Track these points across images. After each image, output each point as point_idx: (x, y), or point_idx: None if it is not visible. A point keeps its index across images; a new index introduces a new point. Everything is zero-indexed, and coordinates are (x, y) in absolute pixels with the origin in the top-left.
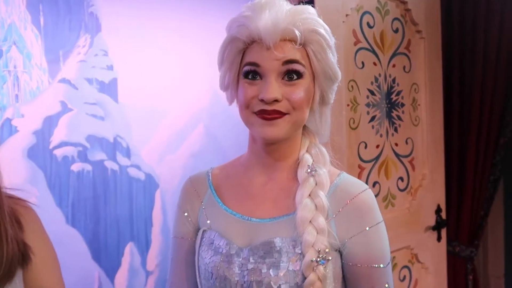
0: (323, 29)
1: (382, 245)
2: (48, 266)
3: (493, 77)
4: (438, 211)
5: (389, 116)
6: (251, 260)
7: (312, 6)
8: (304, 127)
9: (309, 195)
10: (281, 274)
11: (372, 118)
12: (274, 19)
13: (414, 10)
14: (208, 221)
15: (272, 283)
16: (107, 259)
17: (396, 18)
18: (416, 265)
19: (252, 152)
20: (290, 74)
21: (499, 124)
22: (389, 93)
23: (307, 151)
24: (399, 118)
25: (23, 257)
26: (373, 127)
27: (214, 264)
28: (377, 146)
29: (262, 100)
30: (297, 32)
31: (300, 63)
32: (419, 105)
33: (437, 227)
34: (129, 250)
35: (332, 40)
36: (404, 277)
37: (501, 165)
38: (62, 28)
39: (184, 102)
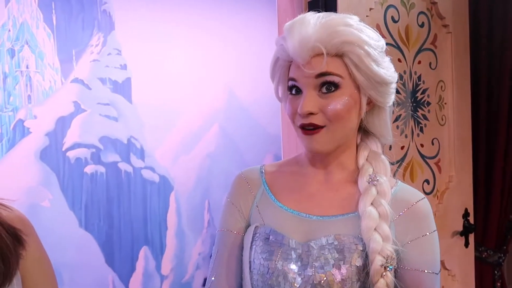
0: (361, 38)
1: (436, 252)
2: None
3: None
4: (465, 215)
5: (414, 116)
6: (312, 254)
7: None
8: (366, 132)
9: (372, 203)
10: (343, 270)
11: (397, 118)
12: (301, 38)
13: (441, 3)
14: (262, 217)
15: (333, 278)
16: (121, 263)
17: (421, 12)
18: (442, 272)
19: (308, 154)
20: (327, 86)
21: None
22: (414, 91)
23: (367, 160)
24: (425, 117)
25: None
26: (397, 127)
27: (271, 258)
28: (402, 148)
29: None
30: (323, 49)
31: (335, 74)
32: (445, 103)
33: (464, 232)
34: (144, 254)
35: (378, 46)
36: None
37: None
38: (75, 27)
39: (199, 102)
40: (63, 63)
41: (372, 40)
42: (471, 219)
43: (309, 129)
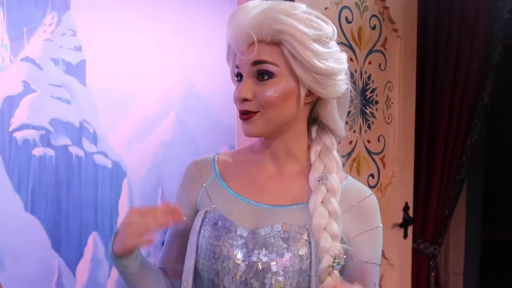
0: (298, 28)
1: (380, 245)
2: None
3: (464, 80)
4: (405, 208)
5: (363, 113)
6: (257, 242)
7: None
8: (322, 126)
9: (322, 201)
10: (287, 258)
11: (348, 114)
12: (236, 25)
13: (392, 8)
14: (212, 203)
15: (276, 265)
16: (68, 248)
17: (374, 15)
18: (382, 261)
19: (262, 143)
20: (261, 74)
21: (467, 126)
22: (364, 89)
23: (319, 155)
24: (373, 115)
25: None
26: (347, 122)
27: (217, 243)
28: (350, 142)
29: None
30: (254, 36)
31: (269, 63)
32: (392, 103)
33: (404, 224)
34: (93, 240)
35: (320, 36)
36: None
37: (467, 166)
38: (27, 3)
39: (155, 89)
40: (13, 40)
41: (313, 30)
42: (411, 212)
43: (245, 115)
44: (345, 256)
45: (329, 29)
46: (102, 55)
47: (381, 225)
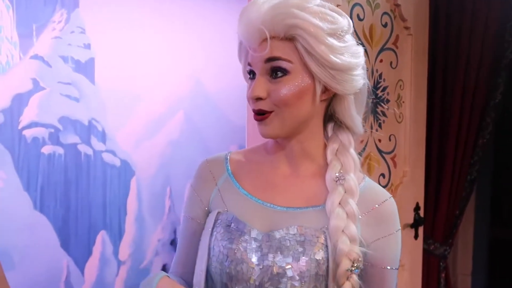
0: (312, 22)
1: (399, 249)
2: None
3: (475, 79)
4: (416, 208)
5: (374, 112)
6: (272, 245)
7: None
8: (339, 123)
9: (339, 203)
10: (303, 262)
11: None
12: (247, 22)
13: (404, 5)
14: (224, 204)
15: (292, 270)
16: (77, 247)
17: (385, 13)
18: None
19: (276, 142)
20: (275, 71)
21: (478, 125)
22: (375, 88)
23: (336, 154)
24: (384, 114)
25: None
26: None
27: (231, 246)
28: (361, 141)
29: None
30: (266, 32)
31: (283, 59)
32: (403, 102)
33: (414, 225)
34: (101, 239)
35: (335, 29)
36: None
37: (478, 166)
38: (36, 1)
39: (164, 88)
40: (22, 38)
41: (328, 24)
42: (421, 212)
43: (259, 115)
44: (362, 262)
45: (344, 22)
46: (111, 52)
47: (400, 229)
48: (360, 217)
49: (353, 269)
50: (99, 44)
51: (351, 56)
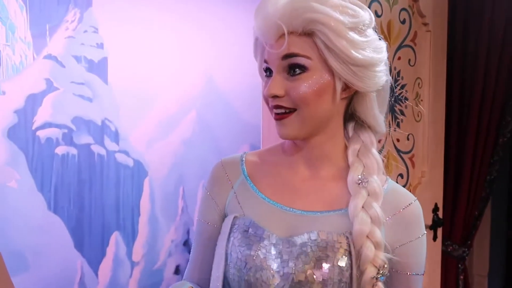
0: (332, 16)
1: (424, 254)
2: None
3: (495, 76)
4: (435, 209)
5: (392, 110)
6: (293, 251)
7: None
8: (360, 122)
9: (363, 207)
10: (325, 270)
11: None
12: (264, 17)
13: (422, 1)
14: (241, 208)
15: (314, 277)
16: (90, 248)
17: (403, 9)
18: None
19: (293, 143)
20: (293, 68)
21: (498, 124)
22: (393, 86)
23: (357, 155)
24: (402, 113)
25: None
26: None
27: (249, 252)
28: (379, 141)
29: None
30: (284, 28)
31: (301, 56)
32: (421, 100)
33: (433, 226)
34: (115, 240)
35: (357, 23)
36: None
37: (498, 165)
38: (50, 1)
39: (177, 87)
40: (35, 38)
41: (349, 18)
42: (440, 213)
43: (280, 113)
44: (388, 268)
45: (366, 15)
46: (124, 52)
47: (425, 232)
48: (384, 221)
49: (378, 276)
50: (112, 43)
51: (373, 51)
